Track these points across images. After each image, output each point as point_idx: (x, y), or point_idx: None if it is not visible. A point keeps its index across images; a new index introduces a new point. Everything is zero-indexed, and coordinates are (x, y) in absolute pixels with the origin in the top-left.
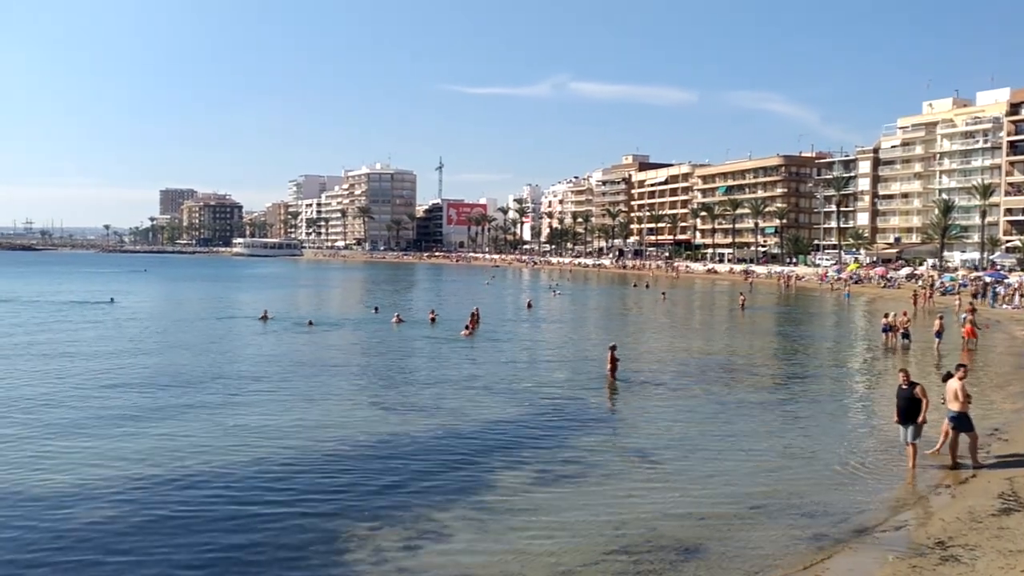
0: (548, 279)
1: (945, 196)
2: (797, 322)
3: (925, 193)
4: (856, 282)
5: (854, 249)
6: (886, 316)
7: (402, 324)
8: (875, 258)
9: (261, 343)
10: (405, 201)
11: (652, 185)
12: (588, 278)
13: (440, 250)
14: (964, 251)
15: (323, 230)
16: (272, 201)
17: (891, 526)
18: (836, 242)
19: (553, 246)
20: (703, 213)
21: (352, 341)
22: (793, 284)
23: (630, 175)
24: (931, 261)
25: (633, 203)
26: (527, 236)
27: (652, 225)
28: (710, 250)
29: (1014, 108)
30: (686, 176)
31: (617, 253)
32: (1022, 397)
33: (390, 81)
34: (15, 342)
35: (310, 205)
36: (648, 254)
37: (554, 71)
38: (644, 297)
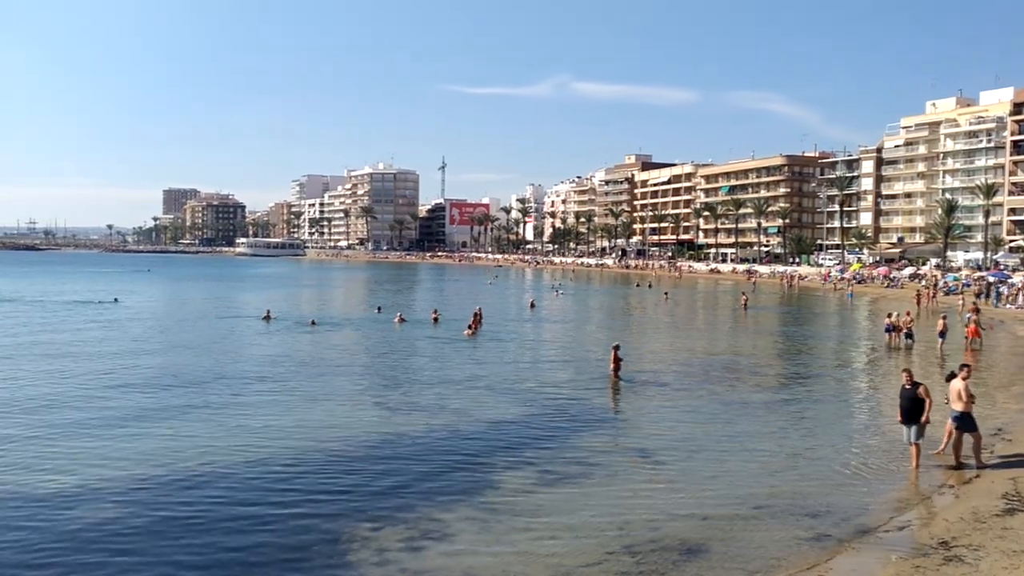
0: (551, 279)
1: (948, 196)
2: (800, 322)
3: (928, 193)
4: (859, 282)
5: (857, 249)
6: (889, 316)
7: (405, 324)
8: (878, 258)
9: (264, 343)
10: (408, 201)
11: (655, 185)
12: (591, 278)
13: (443, 250)
14: (967, 251)
15: (326, 230)
16: (275, 201)
17: (894, 526)
18: (839, 242)
19: (556, 246)
20: (706, 213)
21: (355, 341)
22: (796, 284)
23: (633, 175)
24: (934, 261)
25: (636, 203)
26: (530, 236)
27: (655, 225)
28: (713, 250)
29: (1018, 108)
30: (689, 176)
31: (620, 253)
32: None
33: (393, 81)
34: (19, 342)
35: (313, 205)
36: (651, 254)
37: (556, 71)
38: (647, 297)
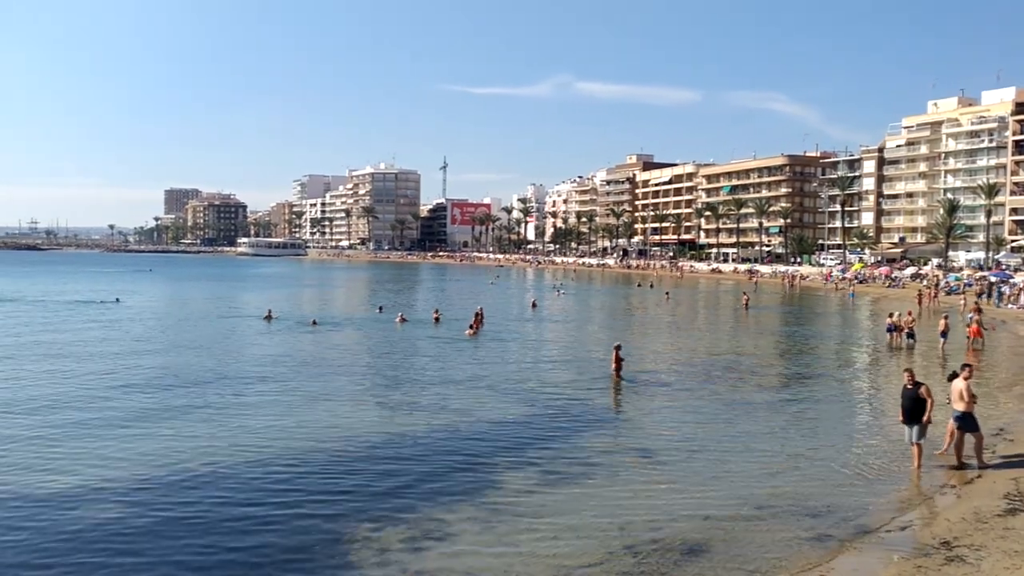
0: (552, 279)
1: (950, 196)
2: (801, 322)
3: (930, 193)
4: (860, 282)
5: (859, 249)
6: (891, 316)
7: (406, 324)
8: (880, 258)
9: (265, 343)
10: (409, 201)
11: (656, 185)
12: (592, 278)
13: (444, 250)
14: (969, 251)
15: (327, 230)
16: (276, 201)
17: (896, 526)
18: (840, 242)
19: (557, 246)
20: (707, 213)
21: (356, 341)
22: (797, 284)
23: (634, 175)
24: (936, 261)
25: (637, 203)
26: (531, 236)
27: (656, 225)
28: (714, 250)
29: (1019, 107)
30: (690, 176)
31: (621, 253)
32: None
33: (395, 81)
34: (21, 342)
35: (314, 205)
36: (652, 254)
37: (557, 71)
38: (648, 297)
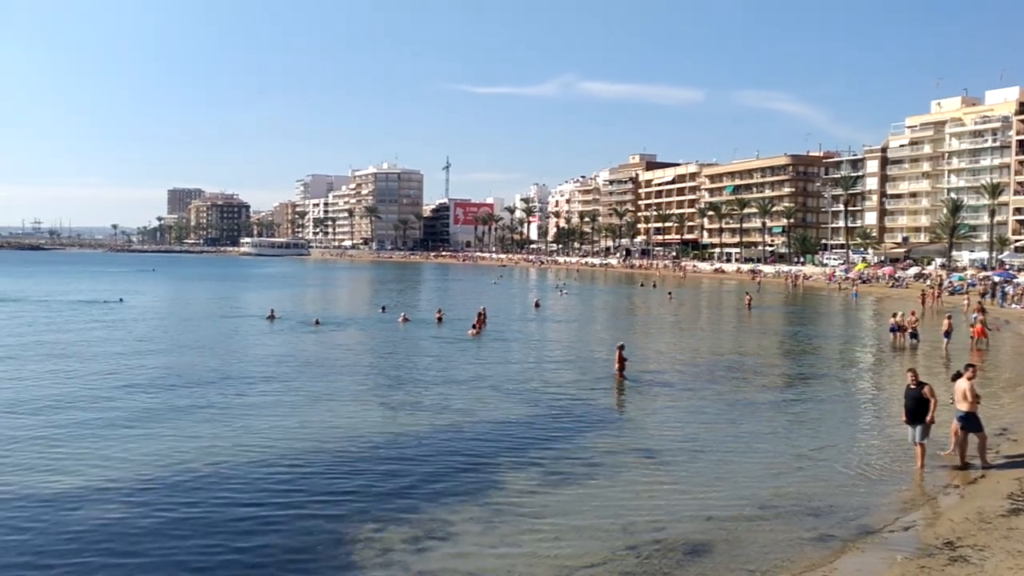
0: (555, 279)
1: (954, 195)
2: (804, 322)
3: (933, 192)
4: (864, 282)
5: (862, 248)
6: (894, 316)
7: (408, 324)
8: (883, 258)
9: (268, 343)
10: (412, 201)
11: (659, 184)
12: (595, 278)
13: (447, 250)
14: (973, 250)
15: (330, 230)
16: (279, 201)
17: (899, 526)
18: (844, 241)
19: (560, 246)
20: (710, 212)
21: (359, 340)
22: (801, 284)
23: (637, 174)
24: (939, 260)
25: (640, 202)
26: (534, 236)
27: (659, 224)
28: (717, 250)
29: (1023, 107)
30: (693, 175)
31: (624, 253)
32: None
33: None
34: (24, 342)
35: (317, 205)
36: (655, 254)
37: (561, 71)
38: (651, 297)
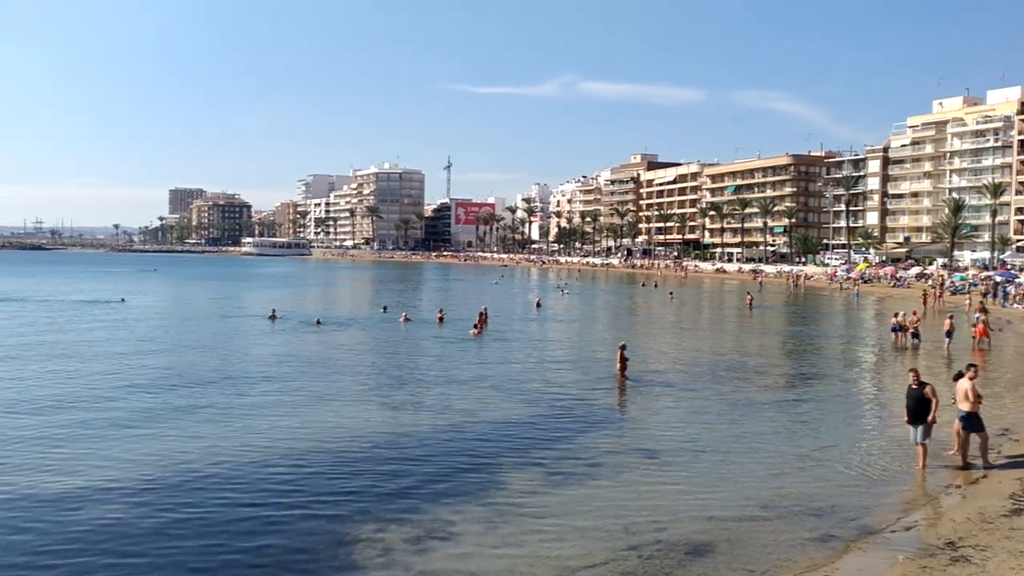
0: (556, 278)
1: (955, 195)
2: (806, 322)
3: (935, 192)
4: (865, 281)
5: (863, 248)
6: (896, 316)
7: (410, 323)
8: (884, 257)
9: (270, 342)
10: (413, 200)
11: (660, 184)
12: (596, 277)
13: (448, 249)
14: (974, 250)
15: (332, 229)
16: (281, 200)
17: (901, 526)
18: (845, 241)
19: (561, 245)
20: (712, 212)
21: (360, 340)
22: (802, 283)
23: (638, 174)
24: (941, 260)
25: (642, 202)
26: (535, 235)
27: (661, 224)
28: (719, 249)
29: None
30: (695, 175)
31: (625, 252)
32: None
33: (399, 81)
34: (26, 342)
35: (319, 204)
36: (657, 253)
37: (562, 70)
38: (653, 296)
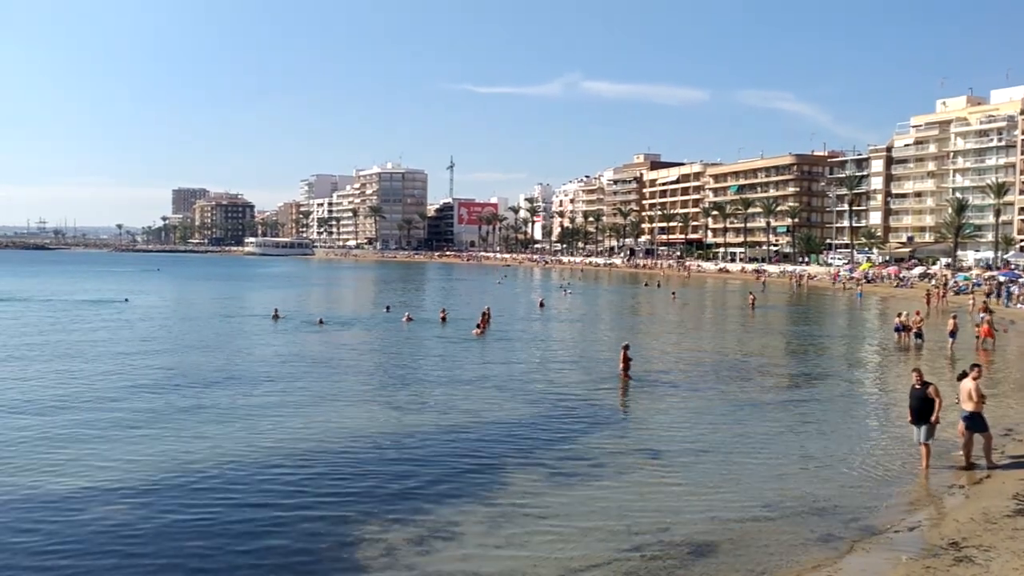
0: (559, 278)
1: (959, 195)
2: (809, 322)
3: (938, 192)
4: (868, 281)
5: (866, 248)
6: (899, 316)
7: (412, 323)
8: (888, 257)
9: (273, 342)
10: (416, 200)
11: (663, 184)
12: (599, 277)
13: (451, 249)
14: (978, 250)
15: (334, 229)
16: (284, 201)
17: (904, 527)
18: (848, 241)
19: (564, 245)
20: (715, 212)
21: (363, 340)
22: (805, 283)
23: (641, 174)
24: (944, 260)
25: (644, 202)
26: (538, 235)
27: (663, 224)
28: (722, 249)
29: None
30: (698, 175)
31: (628, 252)
32: None
33: (402, 81)
34: (29, 342)
35: (321, 204)
36: (660, 253)
37: (565, 70)
38: (655, 296)
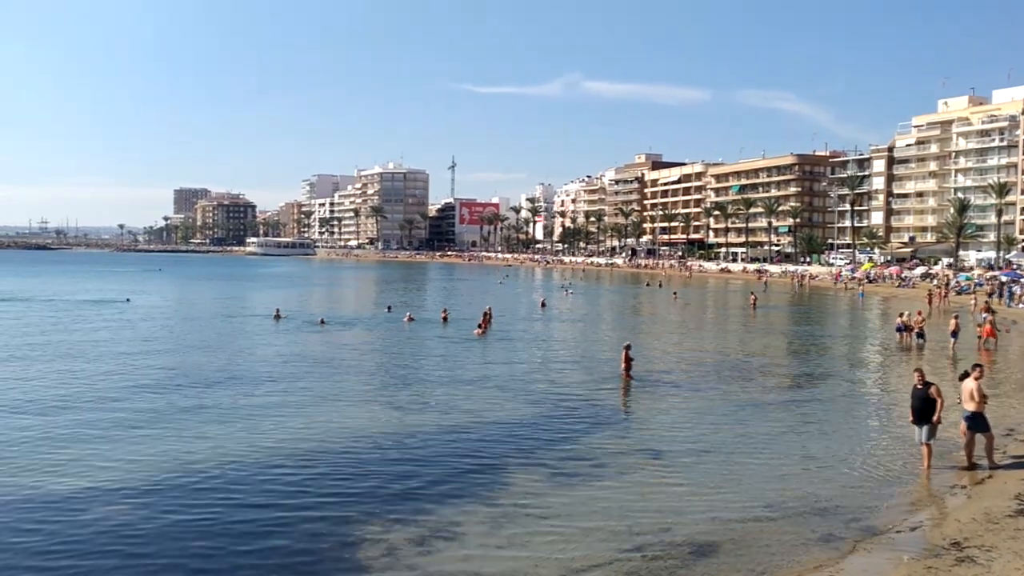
0: (561, 278)
1: (960, 195)
2: (811, 322)
3: (940, 192)
4: (870, 281)
5: (868, 248)
6: (901, 316)
7: (414, 323)
8: (889, 257)
9: (274, 342)
10: (417, 200)
11: (665, 184)
12: (601, 277)
13: (452, 249)
14: (980, 250)
15: (336, 229)
16: (285, 201)
17: (906, 527)
18: (850, 241)
19: (566, 245)
20: (716, 212)
21: (364, 340)
22: (807, 283)
23: (643, 174)
24: (946, 260)
25: (646, 202)
26: (540, 235)
27: (665, 224)
28: (723, 249)
29: None
30: (699, 175)
31: (630, 252)
32: None
33: (403, 81)
34: (31, 342)
35: (323, 204)
36: (661, 253)
37: (566, 70)
38: (657, 296)
